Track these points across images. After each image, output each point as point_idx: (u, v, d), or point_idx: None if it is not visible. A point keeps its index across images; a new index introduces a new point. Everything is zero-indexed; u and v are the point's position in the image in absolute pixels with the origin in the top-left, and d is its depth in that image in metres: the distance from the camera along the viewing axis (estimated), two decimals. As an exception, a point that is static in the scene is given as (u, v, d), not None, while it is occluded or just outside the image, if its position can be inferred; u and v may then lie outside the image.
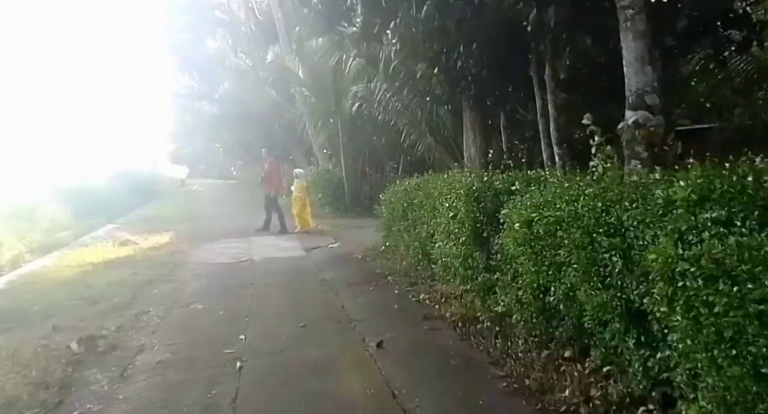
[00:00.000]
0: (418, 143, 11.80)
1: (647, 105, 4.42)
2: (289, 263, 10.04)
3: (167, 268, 9.67)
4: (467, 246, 6.44)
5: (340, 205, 18.16)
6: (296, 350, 5.18)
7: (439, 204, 7.62)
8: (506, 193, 6.07)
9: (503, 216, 5.61)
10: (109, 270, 9.45)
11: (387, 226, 10.65)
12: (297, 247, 11.83)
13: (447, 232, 7.10)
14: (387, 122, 13.70)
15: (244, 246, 12.20)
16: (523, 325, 4.98)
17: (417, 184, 9.19)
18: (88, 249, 11.79)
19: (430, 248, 8.00)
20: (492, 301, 5.83)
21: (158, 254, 11.13)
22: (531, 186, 5.73)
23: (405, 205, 9.29)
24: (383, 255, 9.94)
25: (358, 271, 8.95)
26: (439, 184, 7.99)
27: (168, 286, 8.31)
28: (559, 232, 4.29)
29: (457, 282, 6.82)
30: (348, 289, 7.66)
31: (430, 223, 7.93)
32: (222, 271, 9.57)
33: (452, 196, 7.05)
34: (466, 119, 8.81)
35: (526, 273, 4.81)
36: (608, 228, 3.78)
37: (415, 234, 8.61)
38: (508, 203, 5.70)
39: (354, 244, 11.81)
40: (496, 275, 5.68)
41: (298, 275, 8.90)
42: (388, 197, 10.67)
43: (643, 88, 4.42)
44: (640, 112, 4.43)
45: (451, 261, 6.97)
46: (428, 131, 11.04)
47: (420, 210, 8.49)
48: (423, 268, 8.19)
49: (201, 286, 8.36)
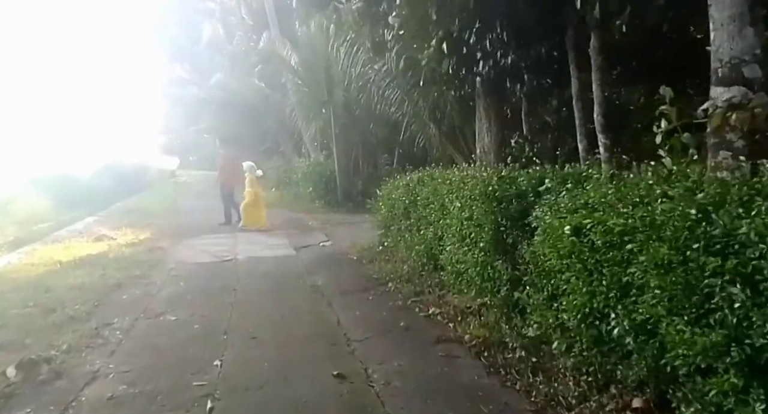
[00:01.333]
0: (419, 135, 10.67)
1: (745, 79, 3.30)
2: (276, 264, 8.88)
3: (141, 269, 8.48)
4: (486, 253, 5.34)
5: (331, 200, 16.97)
6: (282, 385, 4.03)
7: (448, 202, 6.51)
8: (535, 192, 5.00)
9: (535, 220, 4.53)
10: (77, 270, 8.25)
11: (385, 224, 9.52)
12: (285, 245, 10.67)
13: (459, 235, 6.00)
14: (382, 113, 12.54)
15: (229, 243, 11.02)
16: (568, 358, 3.87)
17: (420, 180, 8.07)
18: (60, 245, 10.55)
19: (438, 252, 6.89)
20: (520, 322, 4.74)
21: (134, 252, 9.92)
22: (567, 183, 4.67)
23: (407, 203, 8.17)
24: (381, 256, 8.81)
25: (354, 276, 7.82)
26: (449, 180, 6.90)
27: (139, 291, 7.14)
28: (628, 245, 3.20)
29: (473, 294, 5.71)
30: (343, 299, 6.53)
31: (438, 223, 6.82)
32: (202, 272, 8.40)
33: (466, 194, 5.95)
34: (479, 106, 7.68)
35: (574, 292, 3.71)
36: (711, 243, 2.69)
37: (420, 235, 7.50)
38: (539, 204, 4.63)
39: (347, 242, 10.67)
40: (526, 290, 4.57)
41: (286, 279, 7.75)
42: (386, 193, 9.54)
43: (740, 57, 3.28)
44: (735, 88, 3.30)
45: (465, 269, 5.86)
46: (432, 121, 9.90)
47: (425, 208, 7.38)
48: (429, 274, 7.08)
49: (177, 290, 7.19)
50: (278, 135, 24.51)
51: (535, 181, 5.12)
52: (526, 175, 5.31)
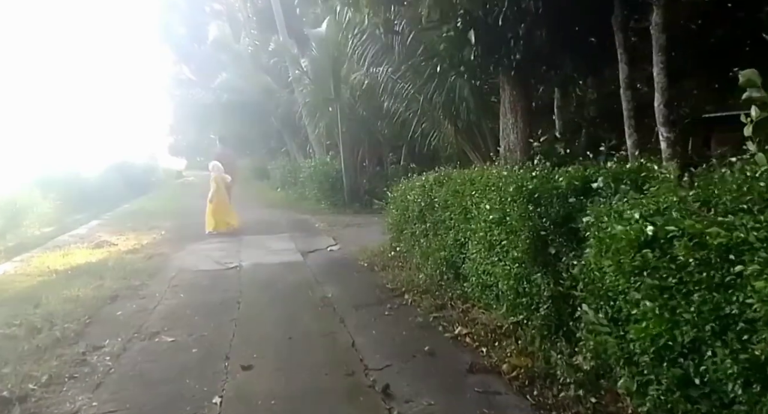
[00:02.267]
0: (432, 133, 9.89)
1: None
2: (283, 271, 8.12)
3: (140, 278, 7.73)
4: (521, 264, 4.57)
5: (337, 200, 16.21)
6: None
7: (472, 205, 5.75)
8: (581, 193, 4.24)
9: (586, 226, 3.77)
10: (72, 281, 7.49)
11: (397, 228, 8.75)
12: (292, 250, 9.90)
13: (487, 242, 5.23)
14: (390, 110, 11.73)
15: (233, 247, 10.26)
16: (640, 400, 3.10)
17: (437, 180, 7.31)
18: (59, 252, 9.79)
19: (459, 260, 6.13)
20: (566, 347, 3.97)
21: (134, 259, 9.16)
22: (624, 183, 3.91)
23: (422, 205, 7.40)
24: (394, 263, 8.05)
25: (366, 286, 7.05)
26: (472, 180, 6.14)
27: (135, 305, 6.38)
28: (737, 266, 2.44)
29: (503, 310, 4.95)
30: (356, 314, 5.77)
31: (460, 228, 6.06)
32: (205, 281, 7.64)
33: (495, 195, 5.20)
34: (504, 100, 6.89)
35: (646, 319, 2.95)
36: None
37: (438, 241, 6.73)
38: (589, 207, 3.86)
39: (356, 246, 9.92)
40: (577, 313, 3.81)
41: (294, 289, 6.98)
42: (398, 194, 8.77)
43: None
44: None
45: (494, 281, 5.10)
46: (446, 117, 9.10)
47: (444, 211, 6.61)
48: (449, 284, 6.32)
49: (176, 304, 6.44)
50: (283, 134, 23.75)
51: (578, 180, 4.36)
52: (566, 174, 4.55)
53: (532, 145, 6.32)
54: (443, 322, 5.23)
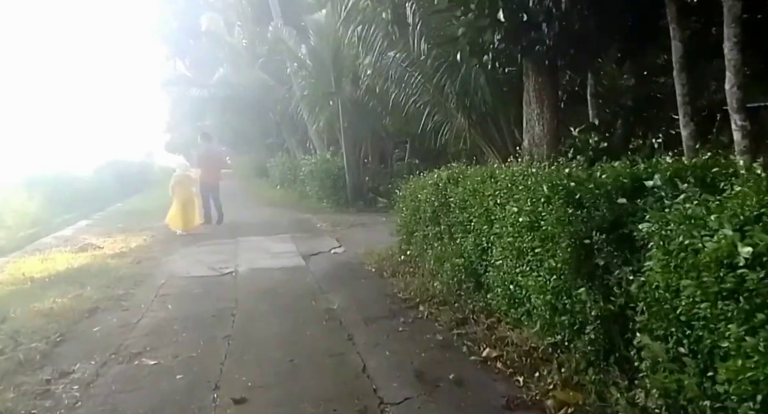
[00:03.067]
0: (444, 126, 9.22)
1: None
2: (283, 278, 7.48)
3: (125, 286, 7.10)
4: (560, 276, 3.92)
5: (340, 199, 15.54)
6: None
7: (495, 206, 5.11)
8: (634, 194, 3.61)
9: (645, 234, 3.14)
10: (48, 290, 6.86)
11: (407, 229, 8.11)
12: (293, 253, 9.26)
13: (515, 249, 4.59)
14: (396, 103, 11.07)
15: (230, 250, 9.63)
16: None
17: (452, 178, 6.66)
18: (39, 256, 9.15)
19: (481, 268, 5.48)
20: (622, 378, 3.33)
21: (121, 264, 8.52)
22: (687, 181, 3.29)
23: (436, 205, 6.76)
24: (404, 268, 7.41)
25: (376, 294, 6.42)
26: (493, 178, 5.51)
27: (116, 319, 5.75)
28: None
29: (537, 328, 4.30)
30: (366, 330, 5.12)
31: (481, 232, 5.41)
32: (196, 289, 7.00)
33: (523, 195, 4.56)
34: (529, 86, 6.23)
35: (741, 356, 2.32)
36: None
37: (455, 245, 6.08)
38: (650, 212, 3.22)
39: (361, 248, 9.29)
40: (638, 338, 3.16)
41: (296, 299, 6.34)
42: (408, 192, 8.13)
43: None
44: None
45: (526, 294, 4.46)
46: (460, 108, 8.43)
47: (461, 213, 5.97)
48: (469, 294, 5.67)
49: (163, 317, 5.79)
50: (282, 130, 23.08)
51: (626, 177, 3.73)
52: (611, 171, 3.91)
53: (560, 138, 5.68)
54: (467, 340, 4.58)
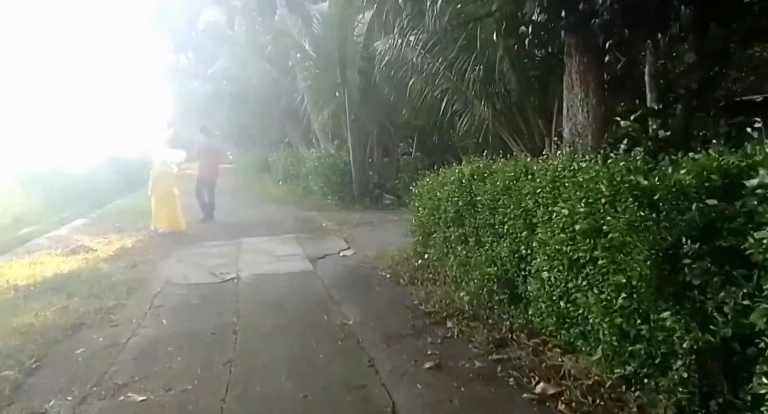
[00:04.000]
0: (463, 116, 8.45)
1: None
2: (290, 285, 6.75)
3: (117, 296, 6.37)
4: (633, 295, 3.19)
5: (345, 196, 14.79)
6: None
7: (538, 207, 4.38)
8: (728, 193, 2.89)
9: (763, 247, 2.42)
10: (33, 300, 6.13)
11: (423, 231, 7.37)
12: (299, 256, 8.53)
13: (566, 258, 3.85)
14: (407, 94, 10.30)
15: (231, 253, 8.89)
16: None
17: (478, 173, 5.92)
18: (28, 259, 8.41)
19: (519, 279, 4.75)
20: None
21: (114, 269, 7.78)
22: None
23: (460, 204, 6.02)
24: (423, 274, 6.68)
25: (394, 306, 5.69)
26: (529, 173, 4.79)
27: (104, 337, 5.02)
28: None
29: (598, 355, 3.57)
30: (389, 352, 4.39)
31: (519, 237, 4.67)
32: (195, 300, 6.27)
33: (575, 194, 3.83)
34: (571, 68, 5.44)
35: None
36: None
37: (485, 251, 5.34)
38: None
39: (372, 249, 8.58)
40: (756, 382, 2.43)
41: (305, 312, 5.61)
42: (425, 189, 7.38)
43: None
44: None
45: (582, 313, 3.72)
46: (482, 97, 7.65)
47: (492, 214, 5.23)
48: (503, 307, 4.95)
49: (156, 335, 5.06)
50: (285, 124, 22.30)
51: (715, 172, 3.00)
52: (693, 165, 3.17)
53: (606, 127, 4.92)
54: (512, 369, 3.85)
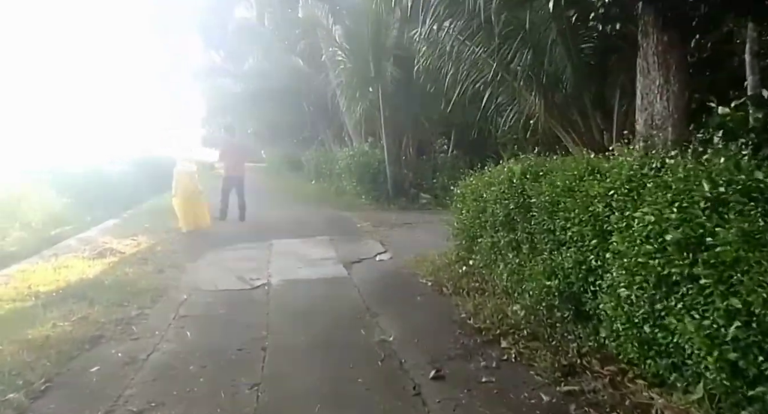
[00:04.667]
0: (509, 110, 7.77)
1: None
2: (323, 294, 6.21)
3: (140, 304, 5.91)
4: (756, 324, 2.54)
5: (380, 195, 14.22)
6: None
7: (611, 211, 3.74)
8: None
9: None
10: (53, 309, 5.70)
11: (467, 235, 6.76)
12: (332, 260, 7.99)
13: (654, 274, 3.20)
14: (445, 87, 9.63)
15: (262, 256, 8.39)
16: None
17: (531, 172, 5.28)
18: (54, 263, 8.04)
19: (587, 294, 4.10)
20: None
21: (140, 273, 7.35)
22: None
23: (511, 207, 5.38)
24: (468, 283, 6.07)
25: (439, 320, 5.09)
26: (596, 173, 4.15)
27: (122, 353, 4.53)
28: None
29: (699, 394, 2.92)
30: (439, 381, 3.79)
31: (589, 245, 4.02)
32: (222, 309, 5.77)
33: (666, 198, 3.18)
34: (647, 49, 4.73)
35: None
36: None
37: (543, 260, 4.70)
38: None
39: (410, 253, 8.00)
40: None
41: (340, 327, 5.04)
42: (469, 190, 6.76)
43: None
44: None
45: (675, 341, 3.07)
46: (531, 88, 6.96)
47: (552, 218, 4.58)
48: (567, 326, 4.31)
49: (178, 351, 4.56)
50: (317, 122, 21.84)
51: None
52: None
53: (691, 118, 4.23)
54: (588, 406, 3.21)
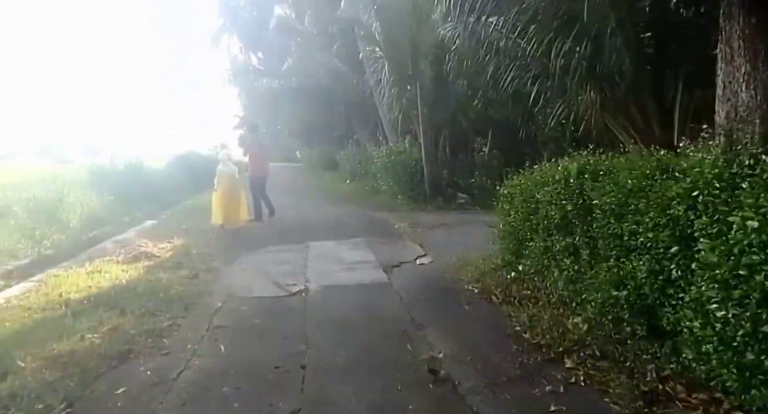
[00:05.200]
0: (558, 107, 7.22)
1: None
2: (363, 302, 5.79)
3: (173, 312, 5.59)
4: None
5: (417, 195, 13.72)
6: None
7: (696, 214, 3.23)
8: None
9: None
10: (82, 319, 5.42)
11: (515, 238, 6.24)
12: (371, 264, 7.58)
13: (757, 290, 2.68)
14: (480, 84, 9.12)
15: (299, 259, 8.03)
16: None
17: (590, 171, 4.77)
18: (88, 268, 7.82)
19: (666, 308, 3.57)
20: None
21: (174, 279, 7.05)
22: None
23: (568, 209, 4.87)
24: (518, 290, 5.58)
25: (491, 334, 4.62)
26: (676, 171, 3.63)
27: (151, 369, 4.19)
28: None
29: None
30: (499, 405, 3.34)
31: (666, 253, 3.50)
32: (258, 318, 5.41)
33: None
34: (731, 34, 4.19)
35: None
36: None
37: (609, 268, 4.17)
38: None
39: (451, 256, 7.57)
40: None
41: (384, 341, 4.60)
42: (517, 189, 6.24)
43: None
44: None
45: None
46: (585, 83, 6.40)
47: (618, 222, 4.06)
48: (640, 344, 3.79)
49: (210, 370, 4.18)
50: (352, 121, 21.48)
51: None
52: None
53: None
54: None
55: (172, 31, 39.02)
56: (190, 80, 33.93)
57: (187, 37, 36.27)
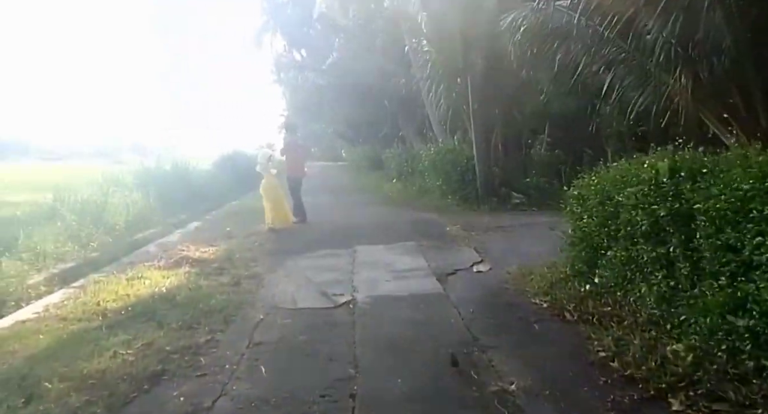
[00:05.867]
0: (639, 100, 6.42)
1: None
2: (417, 318, 5.19)
3: (211, 326, 5.13)
4: None
5: (468, 195, 13.01)
6: None
7: None
8: None
9: None
10: (117, 332, 5.01)
11: (589, 244, 5.52)
12: (423, 270, 6.98)
13: None
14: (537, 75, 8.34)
15: (345, 265, 7.51)
16: None
17: (687, 169, 4.05)
18: (126, 275, 7.43)
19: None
20: None
21: (215, 287, 6.63)
22: None
23: (660, 214, 4.15)
24: (595, 306, 4.87)
25: (572, 360, 3.95)
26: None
27: (184, 395, 3.71)
28: None
29: None
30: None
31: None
32: (302, 335, 4.88)
33: None
34: None
35: None
36: None
37: (721, 287, 3.45)
38: None
39: (511, 263, 6.93)
40: None
41: (444, 367, 3.99)
42: (592, 191, 5.51)
43: None
44: None
45: None
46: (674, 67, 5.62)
47: (737, 232, 3.34)
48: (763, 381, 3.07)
49: (248, 397, 3.66)
50: (398, 118, 20.88)
51: None
52: None
53: None
54: None
55: (212, 35, 39.48)
56: (236, 81, 34.13)
57: (226, 39, 36.55)
